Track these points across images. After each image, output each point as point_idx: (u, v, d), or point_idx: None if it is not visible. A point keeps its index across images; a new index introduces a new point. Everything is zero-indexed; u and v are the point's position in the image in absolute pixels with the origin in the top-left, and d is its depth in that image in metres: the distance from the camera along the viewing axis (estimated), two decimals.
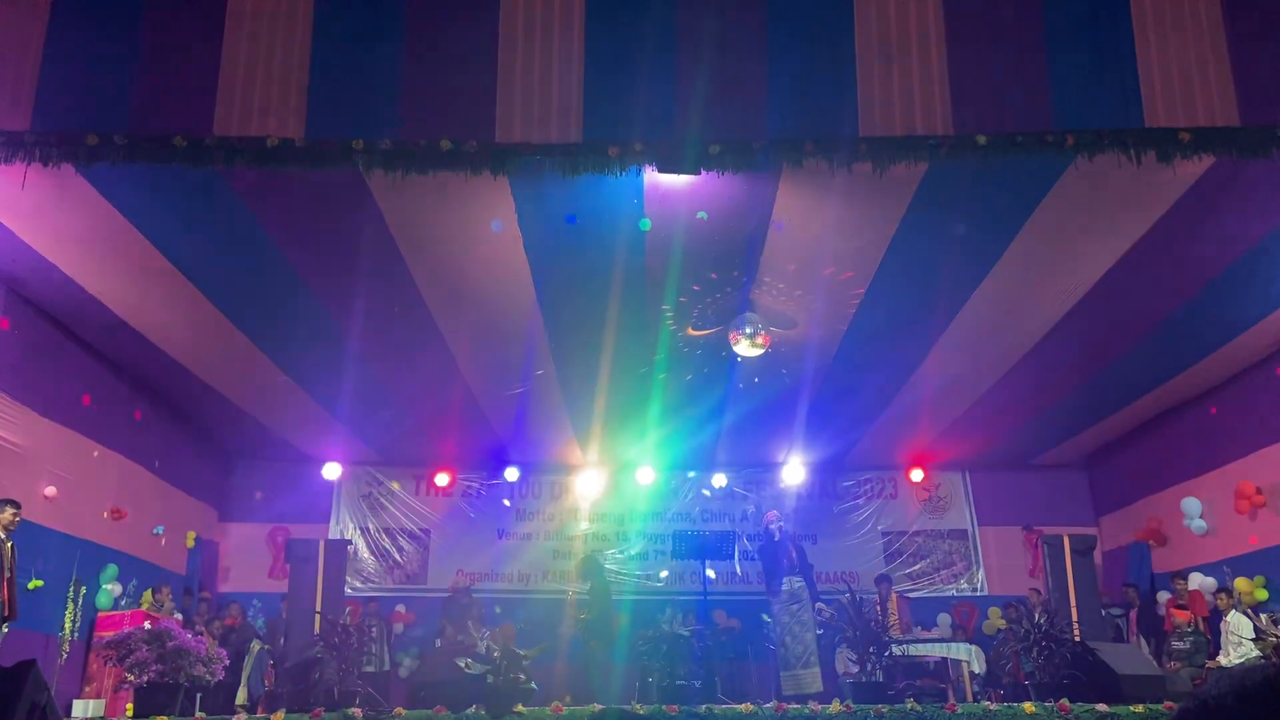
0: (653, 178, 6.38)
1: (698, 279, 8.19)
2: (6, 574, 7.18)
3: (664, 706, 7.75)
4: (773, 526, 9.97)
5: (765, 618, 9.71)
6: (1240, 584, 10.05)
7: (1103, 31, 6.22)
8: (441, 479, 13.97)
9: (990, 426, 12.19)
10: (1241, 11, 6.20)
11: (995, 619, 13.00)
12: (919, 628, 11.89)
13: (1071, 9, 6.26)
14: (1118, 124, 6.04)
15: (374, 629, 11.76)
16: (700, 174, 6.20)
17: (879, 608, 10.44)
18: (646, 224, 6.95)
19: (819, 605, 9.83)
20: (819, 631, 9.63)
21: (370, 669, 10.94)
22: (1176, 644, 10.13)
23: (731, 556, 12.75)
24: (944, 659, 10.68)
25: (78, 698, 9.04)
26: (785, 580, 9.59)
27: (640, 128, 6.11)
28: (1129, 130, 6.02)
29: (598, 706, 7.80)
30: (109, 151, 6.04)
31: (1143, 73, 6.14)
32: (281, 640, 10.73)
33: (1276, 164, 6.07)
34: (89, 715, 8.06)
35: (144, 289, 8.38)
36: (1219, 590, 10.08)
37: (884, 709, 7.73)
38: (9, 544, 7.27)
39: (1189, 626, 10.23)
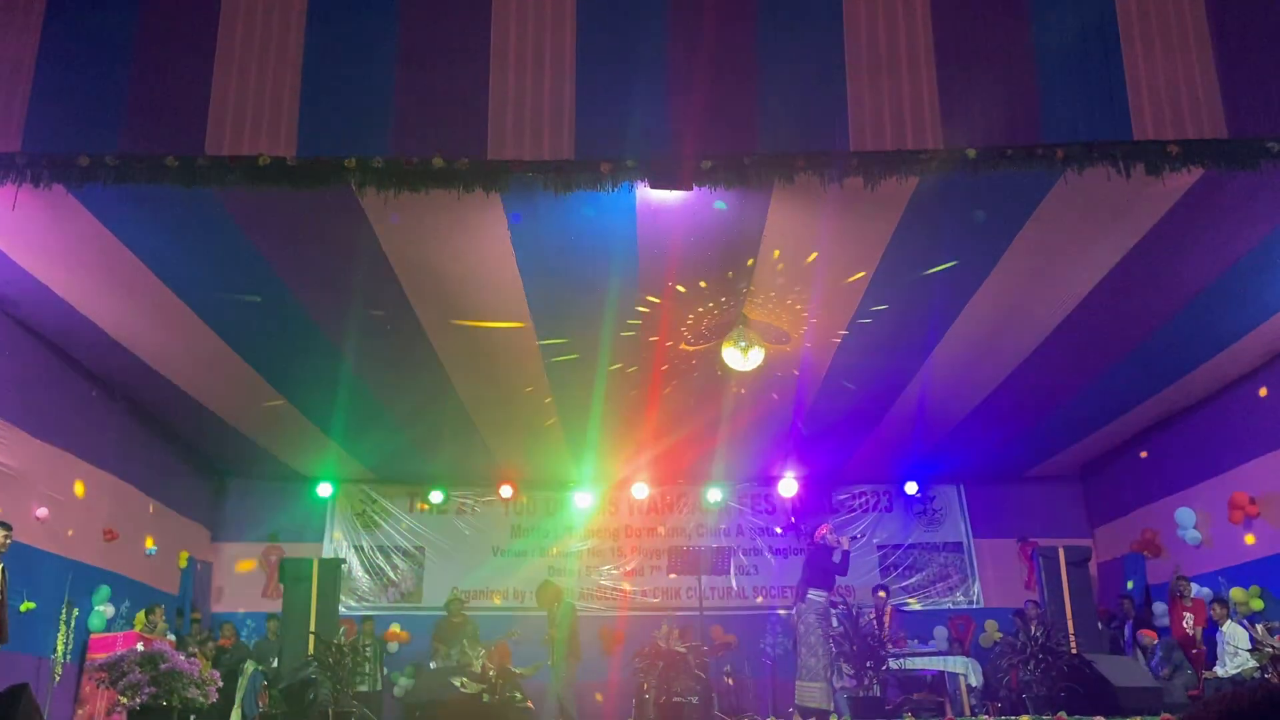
0: (645, 194, 6.40)
1: (690, 293, 8.21)
2: None
3: None
4: (830, 538, 10.01)
5: (792, 610, 9.73)
6: (1236, 594, 10.06)
7: (1091, 45, 6.26)
8: (436, 496, 13.94)
9: (984, 439, 12.20)
10: (1229, 25, 6.24)
11: (992, 631, 12.99)
12: (914, 640, 11.88)
13: (1060, 23, 6.29)
14: (1107, 137, 6.07)
15: (368, 648, 11.70)
16: (692, 190, 6.22)
17: (876, 620, 10.43)
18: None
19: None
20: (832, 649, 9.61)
21: (364, 688, 10.87)
22: (1151, 661, 10.16)
23: (727, 572, 12.75)
24: (941, 672, 10.66)
25: None
26: (825, 593, 9.61)
27: (632, 144, 6.12)
28: (1118, 143, 6.05)
29: None
30: (101, 172, 6.03)
31: (1131, 86, 6.17)
32: (275, 661, 10.66)
33: (1264, 176, 6.10)
34: None
35: (136, 309, 8.36)
36: (1214, 600, 10.09)
37: None
38: (0, 566, 7.23)
39: (1152, 642, 10.28)
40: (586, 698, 10.52)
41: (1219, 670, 9.48)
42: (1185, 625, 10.53)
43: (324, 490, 13.75)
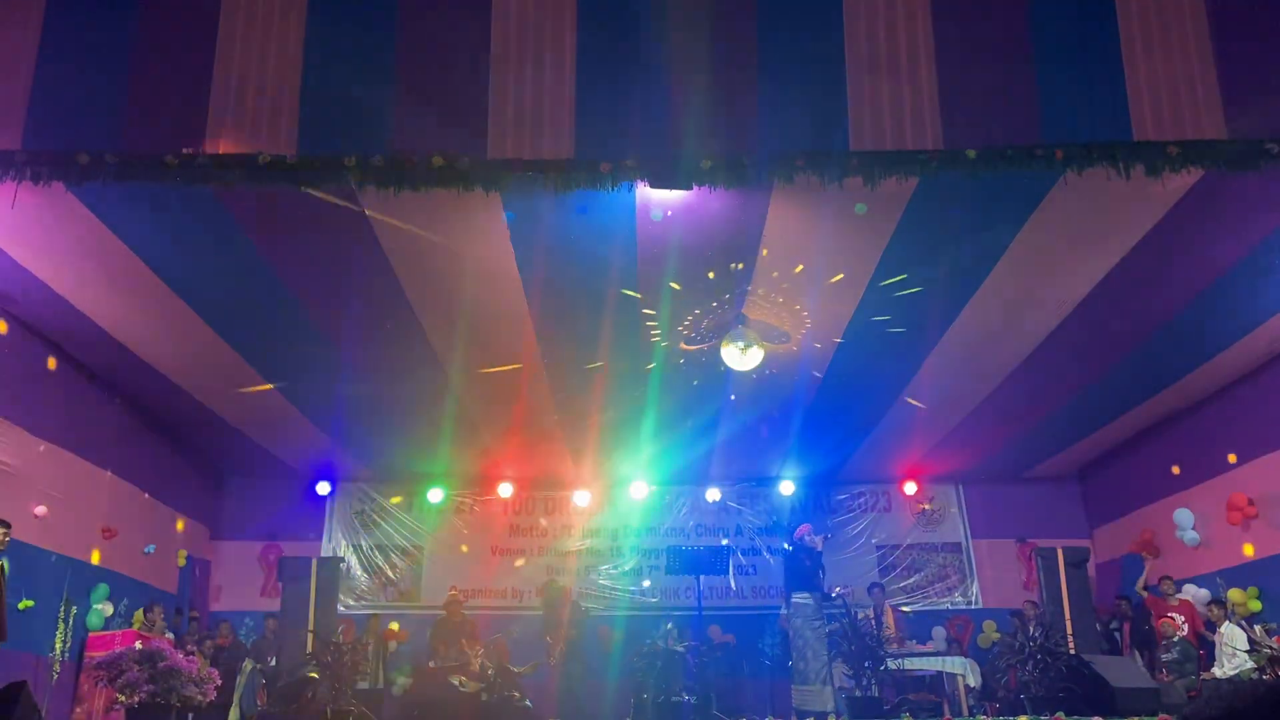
0: (645, 193, 6.40)
1: (690, 293, 8.21)
2: None
3: None
4: (809, 540, 9.96)
5: (782, 611, 9.70)
6: (1234, 595, 10.06)
7: (1091, 46, 6.27)
8: (434, 495, 13.94)
9: (983, 439, 12.20)
10: (1229, 25, 6.25)
11: (990, 632, 12.99)
12: (913, 641, 11.88)
13: (1060, 24, 6.30)
14: (1106, 138, 6.08)
15: (369, 646, 11.70)
16: (692, 189, 6.22)
17: (874, 620, 10.42)
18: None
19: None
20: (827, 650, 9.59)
21: (364, 687, 10.87)
22: (1165, 655, 10.13)
23: (725, 571, 12.74)
24: (939, 673, 10.65)
25: (69, 719, 8.97)
26: (811, 595, 9.57)
27: (632, 143, 6.12)
28: (1118, 144, 6.06)
29: None
30: (100, 170, 6.03)
31: (1131, 86, 6.18)
32: (273, 659, 10.66)
33: (1264, 177, 6.11)
34: None
35: (135, 306, 8.35)
36: (1212, 602, 10.09)
37: None
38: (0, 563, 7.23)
39: (1176, 636, 10.24)
40: (585, 697, 10.50)
41: (1217, 671, 9.47)
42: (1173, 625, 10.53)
43: (323, 489, 13.75)
